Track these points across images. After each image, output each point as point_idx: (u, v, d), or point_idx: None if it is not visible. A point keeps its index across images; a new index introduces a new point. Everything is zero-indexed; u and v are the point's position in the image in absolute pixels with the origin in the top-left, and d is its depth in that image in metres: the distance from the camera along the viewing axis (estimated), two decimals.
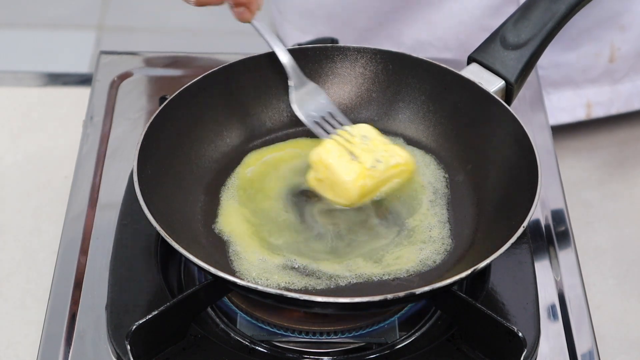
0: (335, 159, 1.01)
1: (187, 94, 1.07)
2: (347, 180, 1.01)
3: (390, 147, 1.04)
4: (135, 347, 0.92)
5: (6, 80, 1.35)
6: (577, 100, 1.35)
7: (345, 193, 1.01)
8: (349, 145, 1.02)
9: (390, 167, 1.03)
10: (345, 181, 1.01)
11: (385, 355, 0.97)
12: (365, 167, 1.01)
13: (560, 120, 1.35)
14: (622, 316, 1.12)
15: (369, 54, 1.13)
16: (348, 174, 1.01)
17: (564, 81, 1.35)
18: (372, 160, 1.01)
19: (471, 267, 0.92)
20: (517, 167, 1.03)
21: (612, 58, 1.33)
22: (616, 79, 1.35)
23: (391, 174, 1.03)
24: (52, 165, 1.24)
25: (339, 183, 1.01)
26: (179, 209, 1.03)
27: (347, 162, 1.01)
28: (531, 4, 1.10)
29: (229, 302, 1.00)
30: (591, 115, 1.35)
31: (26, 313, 1.09)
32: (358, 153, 1.02)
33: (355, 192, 1.01)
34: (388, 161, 1.02)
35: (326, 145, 1.03)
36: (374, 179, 1.02)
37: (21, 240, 1.17)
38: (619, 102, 1.35)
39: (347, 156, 1.01)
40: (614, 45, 1.32)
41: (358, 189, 1.01)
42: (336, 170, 1.01)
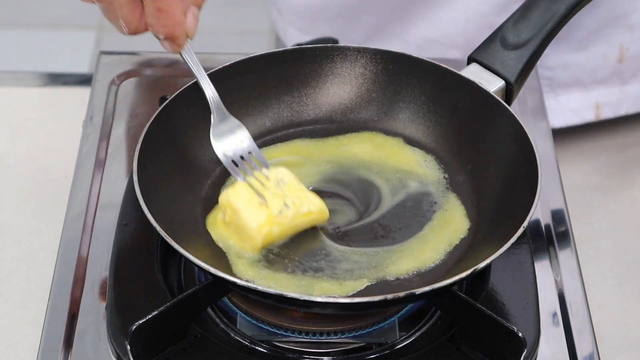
0: (243, 203, 0.98)
1: (187, 94, 1.07)
2: (253, 227, 0.98)
3: (304, 193, 1.01)
4: (135, 347, 0.92)
5: (6, 80, 1.35)
6: (586, 101, 1.35)
7: (250, 239, 0.98)
8: (261, 189, 0.99)
9: (300, 214, 0.99)
10: (250, 227, 0.98)
11: (385, 355, 0.97)
12: (272, 213, 0.98)
13: (570, 122, 1.35)
14: (622, 316, 1.12)
15: (369, 54, 1.13)
16: (255, 220, 0.98)
17: (573, 82, 1.34)
18: (280, 205, 0.98)
19: (471, 267, 0.92)
20: (517, 167, 1.03)
21: (621, 58, 1.33)
22: (625, 80, 1.34)
23: (300, 222, 1.00)
24: (52, 165, 1.24)
25: (245, 228, 0.98)
26: (179, 209, 1.03)
27: (255, 207, 0.98)
28: (531, 4, 1.10)
29: (229, 302, 1.00)
30: (600, 117, 1.35)
31: (26, 313, 1.09)
32: (268, 197, 0.99)
33: (259, 239, 0.98)
34: (298, 208, 0.99)
35: (236, 188, 1.00)
36: (281, 226, 0.99)
37: (21, 240, 1.17)
38: (628, 103, 1.35)
39: (256, 201, 0.98)
40: (622, 46, 1.32)
41: (262, 237, 0.98)
42: (243, 215, 0.98)
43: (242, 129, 1.07)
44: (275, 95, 1.13)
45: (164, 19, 0.98)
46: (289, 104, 1.14)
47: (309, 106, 1.14)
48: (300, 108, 1.14)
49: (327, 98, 1.14)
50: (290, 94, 1.14)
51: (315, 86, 1.14)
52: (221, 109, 1.06)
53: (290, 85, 1.13)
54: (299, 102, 1.14)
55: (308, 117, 1.14)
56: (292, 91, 1.14)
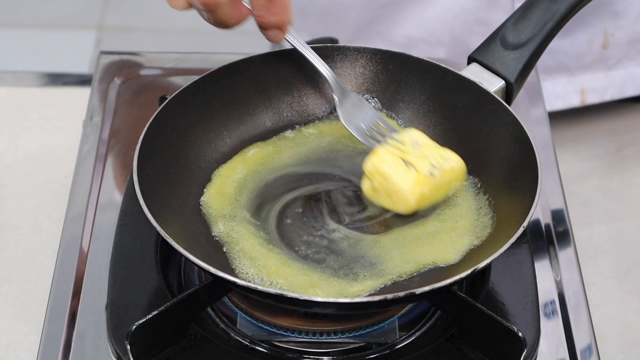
0: (391, 167, 1.00)
1: (187, 94, 1.07)
2: (405, 189, 0.99)
3: (443, 151, 1.03)
4: (135, 347, 0.92)
5: (6, 80, 1.35)
6: (571, 87, 1.35)
7: (403, 201, 1.00)
8: (402, 153, 1.01)
9: (445, 171, 1.02)
10: (403, 189, 0.99)
11: (385, 355, 0.97)
12: (421, 174, 1.00)
13: (555, 107, 1.35)
14: (622, 316, 1.12)
15: (369, 54, 1.13)
16: (406, 182, 0.99)
17: (558, 68, 1.35)
18: (428, 166, 1.00)
19: (471, 267, 0.92)
20: (517, 167, 1.03)
21: (606, 44, 1.33)
22: (610, 66, 1.35)
23: (446, 179, 1.02)
24: (52, 165, 1.24)
25: (397, 191, 1.00)
26: (179, 209, 1.03)
27: (403, 170, 1.00)
28: (531, 4, 1.10)
29: (229, 302, 1.00)
30: (585, 102, 1.35)
31: (26, 313, 1.09)
32: (413, 160, 1.00)
33: (413, 200, 1.00)
34: (443, 166, 1.01)
35: (380, 154, 1.01)
36: (431, 185, 1.01)
37: (21, 240, 1.17)
38: (613, 89, 1.35)
39: (402, 164, 1.00)
40: (607, 32, 1.32)
41: (417, 197, 1.00)
42: (393, 179, 1.00)
43: (363, 101, 1.08)
44: (275, 95, 1.13)
45: (274, 8, 0.99)
46: (289, 104, 1.14)
47: (309, 106, 1.14)
48: (300, 108, 1.14)
49: (327, 98, 1.14)
50: (290, 94, 1.14)
51: (315, 86, 1.14)
52: (340, 86, 1.07)
53: (290, 85, 1.13)
54: (299, 102, 1.14)
55: (308, 117, 1.14)
56: (292, 91, 1.14)
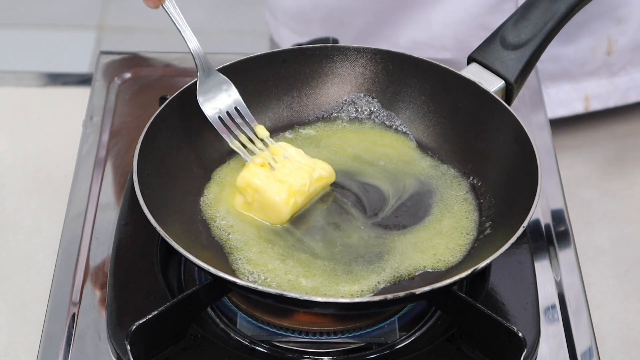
0: (263, 181, 1.02)
1: (187, 94, 1.07)
2: (279, 201, 1.01)
3: (311, 161, 1.05)
4: (135, 347, 0.92)
5: (6, 80, 1.35)
6: (575, 93, 1.35)
7: (278, 213, 1.02)
8: (273, 165, 1.03)
9: (314, 180, 1.04)
10: (276, 202, 1.01)
11: (385, 355, 0.97)
12: (292, 185, 1.02)
13: (559, 114, 1.35)
14: (622, 316, 1.12)
15: (369, 54, 1.13)
16: (279, 195, 1.01)
17: (562, 74, 1.35)
18: (298, 178, 1.02)
19: (471, 267, 0.92)
20: (517, 167, 1.03)
21: (610, 51, 1.33)
22: (613, 72, 1.35)
23: (316, 187, 1.04)
24: (52, 165, 1.24)
25: (271, 204, 1.02)
26: (179, 209, 1.03)
27: (274, 183, 1.02)
28: (531, 3, 1.10)
29: (229, 302, 1.00)
30: (589, 109, 1.35)
31: (26, 313, 1.09)
32: (283, 172, 1.03)
33: (287, 211, 1.02)
34: (312, 176, 1.03)
35: (251, 169, 1.03)
36: (302, 195, 1.03)
37: (21, 240, 1.17)
38: (617, 95, 1.35)
39: (273, 177, 1.02)
40: (611, 38, 1.32)
41: (290, 208, 1.02)
42: (266, 192, 1.02)
43: (228, 84, 1.07)
44: (275, 95, 1.13)
45: None
46: (289, 104, 1.14)
47: (309, 106, 1.14)
48: (300, 108, 1.14)
49: (327, 98, 1.14)
50: (290, 94, 1.14)
51: (315, 86, 1.14)
52: (208, 65, 1.06)
53: (290, 85, 1.13)
54: (299, 102, 1.14)
55: (308, 117, 1.14)
56: (292, 91, 1.14)
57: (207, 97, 1.05)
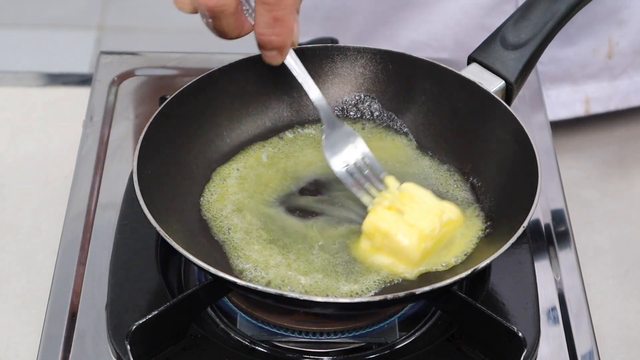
0: (392, 226, 0.98)
1: (187, 94, 1.07)
2: (409, 246, 0.97)
3: (439, 203, 1.01)
4: (135, 347, 0.92)
5: (6, 80, 1.35)
6: (576, 95, 1.35)
7: (408, 258, 0.98)
8: (398, 207, 0.99)
9: (444, 224, 1.00)
10: (407, 247, 0.97)
11: (385, 355, 0.97)
12: (422, 230, 0.98)
13: (559, 116, 1.35)
14: (622, 316, 1.12)
15: (369, 54, 1.13)
16: (409, 239, 0.97)
17: (563, 77, 1.35)
18: (428, 221, 0.98)
19: (471, 267, 0.92)
20: (517, 167, 1.03)
21: (611, 54, 1.33)
22: (615, 75, 1.35)
23: (446, 231, 1.00)
24: (52, 165, 1.24)
25: (401, 249, 0.98)
26: (179, 209, 1.03)
27: (404, 227, 0.98)
28: (531, 4, 1.10)
29: (229, 302, 1.00)
30: (590, 111, 1.35)
31: (26, 313, 1.09)
32: (412, 216, 0.98)
33: (418, 256, 0.98)
34: (442, 219, 0.99)
35: (378, 213, 0.99)
36: (433, 240, 0.99)
37: (21, 240, 1.17)
38: (617, 99, 1.35)
39: (401, 220, 0.98)
40: (612, 41, 1.32)
41: (421, 252, 0.98)
42: (396, 237, 0.97)
43: (354, 136, 1.04)
44: (275, 95, 1.13)
45: (278, 28, 0.96)
46: (289, 104, 1.14)
47: (309, 106, 1.14)
48: (300, 108, 1.14)
49: (327, 98, 1.14)
50: (290, 94, 1.14)
51: None
52: (331, 117, 1.04)
53: (290, 85, 1.13)
54: (299, 102, 1.14)
55: (308, 117, 1.14)
56: (292, 91, 1.13)
57: (333, 151, 1.03)
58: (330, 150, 1.04)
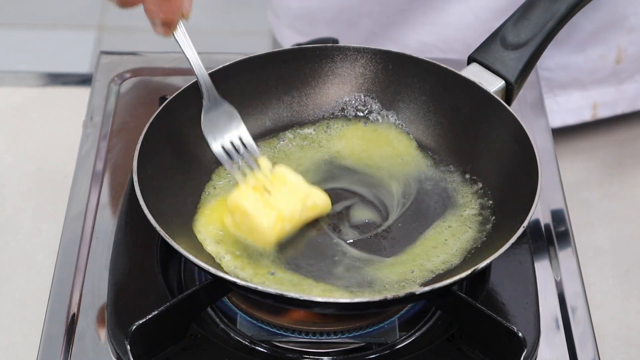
0: (252, 204, 1.00)
1: (187, 94, 1.07)
2: (264, 226, 0.99)
3: (307, 187, 1.02)
4: (135, 347, 0.92)
5: (6, 80, 1.35)
6: (584, 101, 1.35)
7: (263, 237, 1.00)
8: (266, 187, 1.01)
9: (307, 208, 1.02)
10: (261, 226, 0.99)
11: (385, 355, 0.97)
12: (281, 211, 1.00)
13: (567, 122, 1.35)
14: (622, 316, 1.12)
15: (369, 54, 1.13)
16: (266, 220, 0.99)
17: (572, 83, 1.35)
18: (290, 204, 1.00)
19: (471, 267, 0.92)
20: (517, 167, 1.03)
21: (619, 59, 1.33)
22: (622, 80, 1.35)
23: (308, 215, 1.02)
24: (52, 165, 1.24)
25: (257, 228, 0.99)
26: (179, 209, 1.03)
27: (263, 207, 1.00)
28: (531, 4, 1.10)
29: (229, 302, 1.00)
30: (597, 116, 1.35)
31: (26, 313, 1.09)
32: (277, 197, 1.00)
33: (273, 237, 0.99)
34: (305, 203, 1.01)
35: (242, 190, 1.01)
36: (292, 222, 1.00)
37: (21, 240, 1.17)
38: (624, 103, 1.35)
39: (263, 201, 1.00)
40: (620, 47, 1.32)
41: (277, 233, 1.00)
42: (252, 216, 0.99)
43: (234, 114, 1.05)
44: (275, 95, 1.13)
45: (166, 6, 0.98)
46: (289, 104, 1.14)
47: (309, 106, 1.14)
48: (300, 108, 1.14)
49: (327, 98, 1.14)
50: (290, 94, 1.14)
51: (315, 86, 1.14)
52: (213, 93, 1.05)
53: (290, 85, 1.13)
54: (299, 102, 1.14)
55: (308, 118, 1.14)
56: (292, 91, 1.14)
57: (212, 128, 1.04)
58: (209, 126, 1.04)
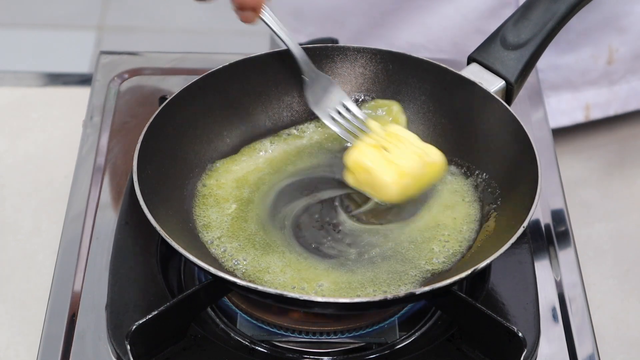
0: (373, 161, 1.01)
1: (187, 94, 1.07)
2: (389, 181, 1.01)
3: (423, 145, 1.04)
4: (135, 347, 0.92)
5: (6, 80, 1.35)
6: (576, 103, 1.35)
7: (387, 193, 1.02)
8: (382, 147, 1.02)
9: (426, 164, 1.03)
10: (386, 182, 1.01)
11: (385, 355, 0.97)
12: (402, 167, 1.01)
13: (560, 124, 1.35)
14: (622, 316, 1.12)
15: (369, 54, 1.14)
16: (389, 175, 1.01)
17: (563, 84, 1.35)
18: (410, 160, 1.02)
19: (471, 267, 0.92)
20: (517, 167, 1.03)
21: (610, 60, 1.33)
22: (614, 81, 1.35)
23: (427, 171, 1.04)
24: (52, 165, 1.24)
25: (380, 184, 1.01)
26: (179, 209, 1.03)
27: (384, 162, 1.01)
28: (531, 4, 1.10)
29: (229, 302, 1.00)
30: (589, 117, 1.35)
31: (26, 313, 1.09)
32: (395, 153, 1.02)
33: (396, 192, 1.01)
34: (424, 159, 1.03)
35: (360, 148, 1.03)
36: (413, 178, 1.02)
37: (21, 240, 1.17)
38: (617, 104, 1.35)
39: (384, 156, 1.02)
40: (612, 48, 1.32)
41: (400, 188, 1.01)
42: (376, 172, 1.01)
43: (333, 84, 1.09)
44: (275, 95, 1.13)
45: None
46: (289, 104, 1.14)
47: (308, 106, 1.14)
48: (300, 108, 1.14)
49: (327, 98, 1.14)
50: (290, 94, 1.14)
51: None
52: (311, 67, 1.08)
53: (290, 85, 1.13)
54: (299, 102, 1.14)
55: (308, 117, 1.14)
56: (292, 91, 1.14)
57: (316, 100, 1.08)
58: (314, 98, 1.08)
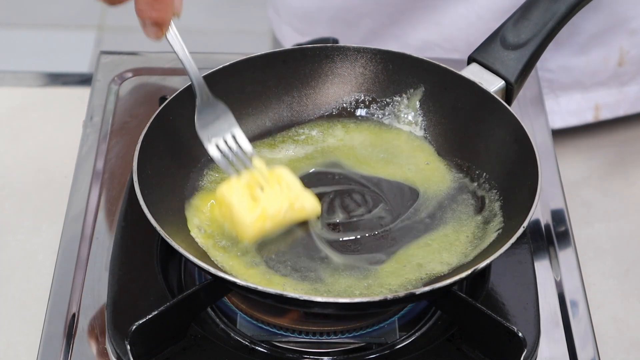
0: (237, 199, 1.00)
1: (187, 94, 1.07)
2: (246, 221, 0.99)
3: (300, 191, 1.02)
4: (135, 347, 0.92)
5: (6, 80, 1.35)
6: (586, 103, 1.35)
7: (243, 232, 0.99)
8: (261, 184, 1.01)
9: (294, 211, 1.01)
10: (243, 221, 0.99)
11: (385, 355, 0.97)
12: (265, 209, 0.99)
13: (569, 124, 1.35)
14: (622, 316, 1.12)
15: (369, 53, 1.13)
16: (248, 216, 0.99)
17: (574, 85, 1.35)
18: (276, 203, 1.00)
19: (471, 267, 0.92)
20: (517, 167, 1.03)
21: (621, 62, 1.33)
22: (624, 82, 1.35)
23: (293, 217, 1.01)
24: (52, 165, 1.24)
25: (239, 223, 0.99)
26: (179, 208, 1.03)
27: (247, 204, 0.99)
28: (531, 4, 1.10)
29: (229, 302, 1.00)
30: (599, 118, 1.35)
31: (26, 313, 1.09)
32: (267, 194, 1.00)
33: (252, 233, 0.99)
34: (292, 205, 1.01)
35: (231, 183, 1.01)
36: (274, 222, 1.00)
37: (21, 240, 1.17)
38: (626, 104, 1.35)
39: (250, 196, 1.00)
40: (623, 49, 1.32)
41: (256, 231, 0.99)
42: (236, 210, 0.99)
43: (227, 114, 1.04)
44: (275, 95, 1.13)
45: (157, 4, 0.96)
46: (289, 104, 1.14)
47: (308, 106, 1.14)
48: (300, 108, 1.14)
49: (327, 98, 1.14)
50: (290, 94, 1.14)
51: (315, 86, 1.14)
52: (205, 92, 1.03)
53: (290, 85, 1.13)
54: (299, 102, 1.14)
55: (308, 117, 1.14)
56: (292, 91, 1.14)
57: (206, 128, 1.03)
58: (203, 125, 1.03)
